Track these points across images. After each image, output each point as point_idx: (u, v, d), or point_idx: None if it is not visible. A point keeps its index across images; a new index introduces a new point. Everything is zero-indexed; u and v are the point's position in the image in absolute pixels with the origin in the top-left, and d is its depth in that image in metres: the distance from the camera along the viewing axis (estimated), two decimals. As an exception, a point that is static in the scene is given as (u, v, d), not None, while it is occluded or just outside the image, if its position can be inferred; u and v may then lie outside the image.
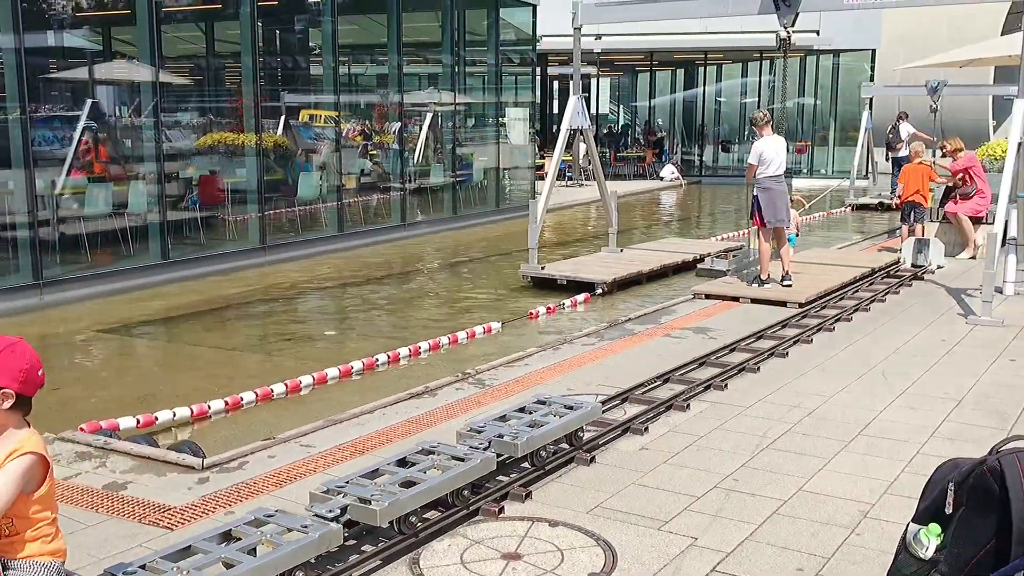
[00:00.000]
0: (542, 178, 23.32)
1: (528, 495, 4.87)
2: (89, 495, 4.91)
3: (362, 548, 4.31)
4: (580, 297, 11.63)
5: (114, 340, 10.05)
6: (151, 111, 13.53)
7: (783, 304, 10.06)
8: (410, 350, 8.86)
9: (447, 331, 9.69)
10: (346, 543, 4.23)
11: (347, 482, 4.48)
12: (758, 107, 27.36)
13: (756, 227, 11.00)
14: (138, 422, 6.53)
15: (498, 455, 4.97)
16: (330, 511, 4.21)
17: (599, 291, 11.87)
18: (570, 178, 26.99)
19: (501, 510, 4.69)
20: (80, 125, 14.72)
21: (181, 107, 17.77)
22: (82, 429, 6.04)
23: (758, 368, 7.53)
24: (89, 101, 15.57)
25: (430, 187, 19.79)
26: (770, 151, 10.51)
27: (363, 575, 4.06)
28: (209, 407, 7.01)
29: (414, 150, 20.03)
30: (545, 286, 12.36)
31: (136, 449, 5.59)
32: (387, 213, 18.15)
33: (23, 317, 10.10)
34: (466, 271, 15.13)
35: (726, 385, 7.01)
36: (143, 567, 3.68)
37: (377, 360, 8.50)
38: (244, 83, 15.30)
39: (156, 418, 6.68)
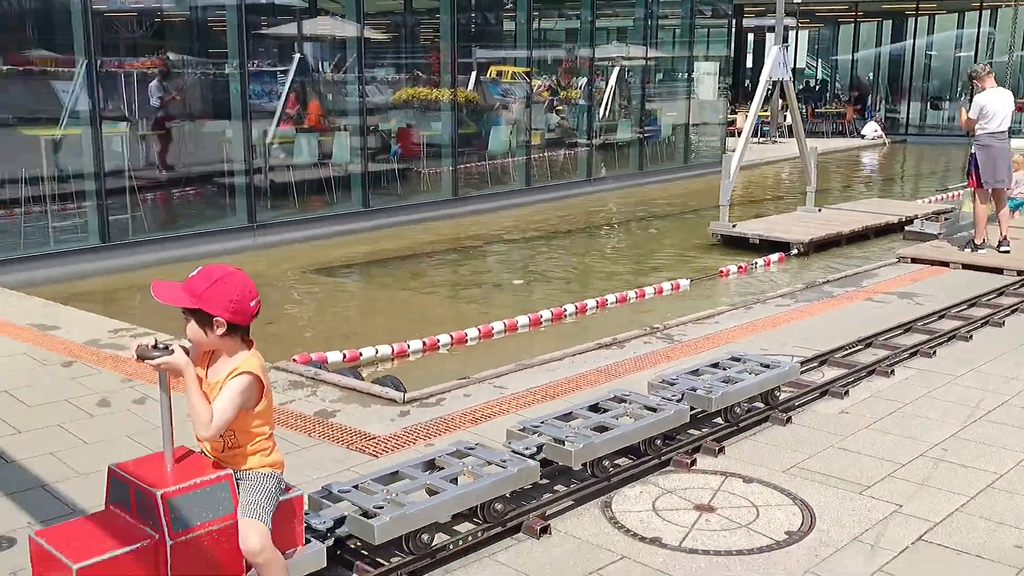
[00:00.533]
0: (732, 134, 22.67)
1: (721, 450, 4.81)
2: (302, 420, 5.26)
3: (555, 488, 4.39)
4: (773, 257, 11.27)
5: (319, 281, 10.69)
6: (354, 66, 14.11)
7: (999, 271, 9.33)
8: (597, 302, 8.90)
9: (633, 286, 9.66)
10: (539, 481, 4.33)
11: (542, 422, 4.58)
12: (975, 61, 25.29)
13: (971, 188, 10.22)
14: (344, 356, 6.94)
15: (691, 408, 4.93)
16: (527, 448, 4.32)
17: (794, 251, 11.46)
18: (764, 134, 25.99)
19: (693, 462, 4.66)
20: (289, 79, 15.58)
21: (379, 62, 18.40)
22: (294, 360, 6.48)
23: (970, 336, 7.05)
24: (297, 56, 16.40)
25: (616, 142, 19.65)
26: (994, 104, 9.68)
27: (556, 513, 4.15)
28: (408, 346, 7.34)
29: (601, 105, 19.90)
30: (735, 245, 12.06)
31: (343, 381, 5.94)
32: (573, 168, 18.19)
33: (239, 256, 10.87)
34: (652, 227, 14.98)
35: (934, 352, 6.62)
36: (356, 487, 3.92)
37: (565, 310, 8.60)
38: (442, 39, 15.67)
39: (360, 354, 7.08)
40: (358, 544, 3.74)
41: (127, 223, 10.92)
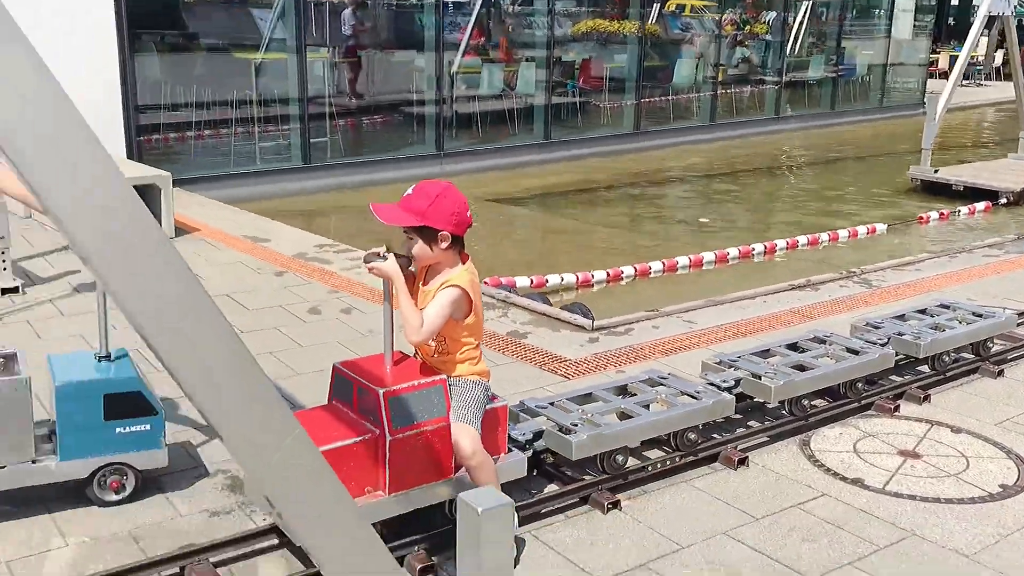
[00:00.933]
0: (932, 75, 21.16)
1: (926, 398, 4.61)
2: (496, 340, 5.43)
3: (748, 423, 4.36)
4: (979, 205, 10.55)
5: (503, 209, 10.88)
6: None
7: None
8: (787, 243, 8.64)
9: (822, 228, 9.30)
10: (731, 416, 4.29)
11: (739, 357, 4.53)
12: None
13: None
14: (531, 282, 7.08)
15: (895, 353, 4.74)
16: (724, 381, 4.29)
17: (1003, 200, 10.67)
18: (970, 76, 24.05)
19: (896, 408, 4.50)
20: (475, 10, 15.68)
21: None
22: (485, 282, 6.67)
23: None
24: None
25: (806, 80, 18.77)
26: None
27: (751, 447, 4.11)
28: (593, 276, 7.39)
29: (790, 41, 19.00)
30: (935, 191, 11.36)
31: (533, 305, 6.06)
32: (759, 105, 17.54)
33: (426, 183, 11.19)
34: (843, 169, 14.30)
35: None
36: (552, 404, 4.02)
37: (753, 249, 8.40)
38: (630, -32, 15.35)
39: (547, 280, 7.19)
40: (550, 459, 3.85)
41: (325, 146, 11.44)
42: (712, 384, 4.28)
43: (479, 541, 1.67)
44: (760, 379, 4.27)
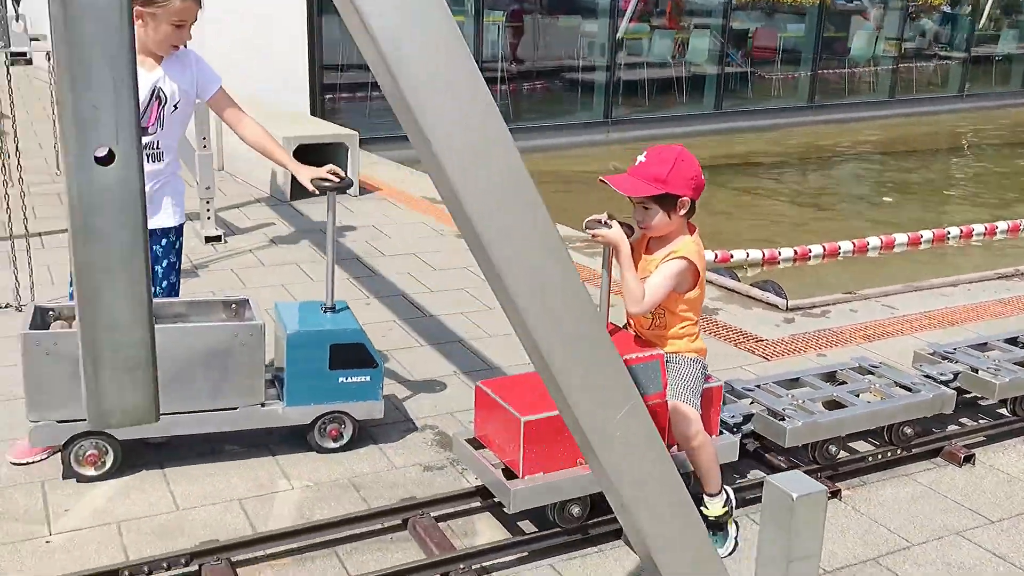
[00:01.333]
0: None
1: None
2: (685, 314, 5.31)
3: (959, 420, 4.11)
4: None
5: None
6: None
7: None
8: (985, 228, 8.11)
9: (1019, 216, 8.66)
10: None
11: (955, 349, 4.27)
12: None
13: None
14: (715, 256, 6.90)
15: None
16: (941, 374, 4.05)
17: None
18: None
19: None
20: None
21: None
22: (668, 255, 6.54)
23: None
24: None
25: (995, 56, 17.51)
26: None
27: (972, 445, 3.87)
28: (779, 254, 7.15)
29: (976, 12, 17.76)
30: None
31: (721, 280, 5.90)
32: (941, 82, 16.51)
33: (593, 150, 11.12)
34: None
35: None
36: (758, 387, 3.89)
37: (948, 233, 7.92)
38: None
39: (731, 256, 7.00)
40: (756, 443, 3.72)
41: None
42: (928, 376, 4.05)
43: (790, 527, 1.60)
44: (979, 374, 4.02)
